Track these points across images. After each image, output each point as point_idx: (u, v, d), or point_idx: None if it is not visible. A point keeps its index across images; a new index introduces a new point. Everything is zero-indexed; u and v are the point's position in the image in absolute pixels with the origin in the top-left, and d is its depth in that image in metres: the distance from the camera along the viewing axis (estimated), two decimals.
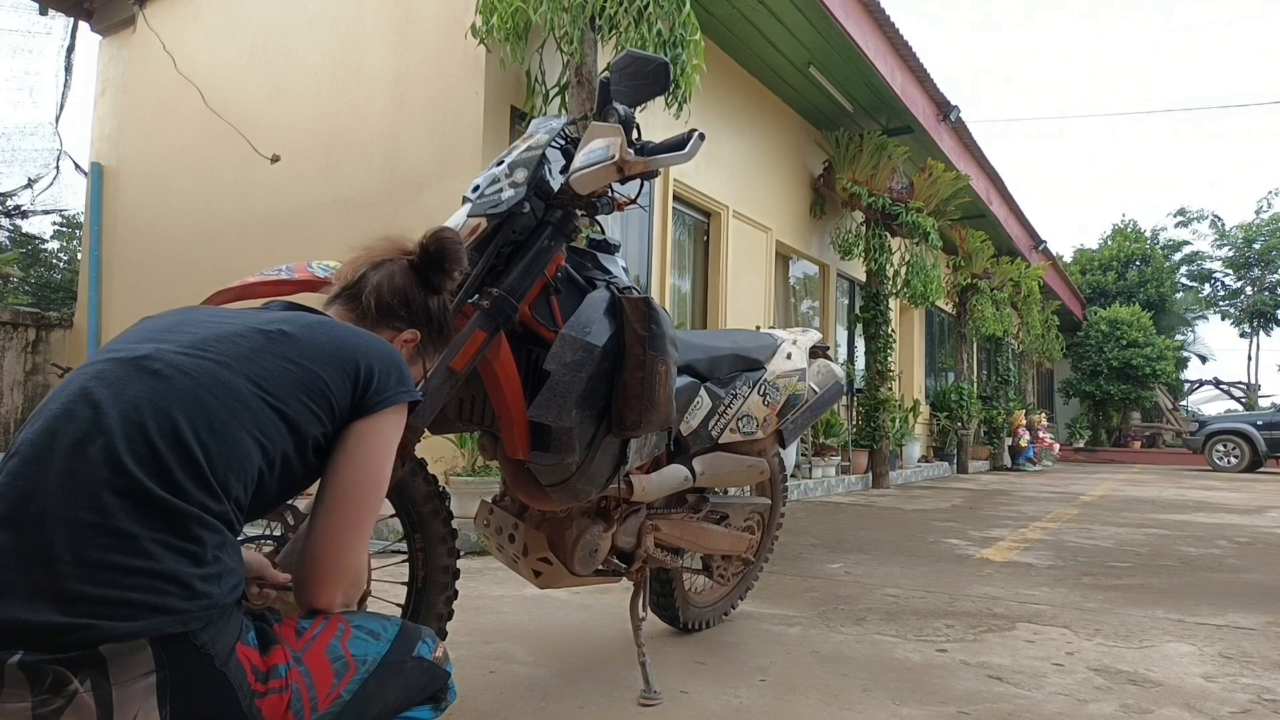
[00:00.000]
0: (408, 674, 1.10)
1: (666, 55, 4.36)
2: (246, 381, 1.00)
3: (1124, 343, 19.65)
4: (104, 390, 0.94)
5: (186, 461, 0.92)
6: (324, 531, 1.07)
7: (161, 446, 0.91)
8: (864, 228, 8.94)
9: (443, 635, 1.69)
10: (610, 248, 1.98)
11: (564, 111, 4.69)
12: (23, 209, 9.82)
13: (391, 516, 1.71)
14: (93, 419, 0.91)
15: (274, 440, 1.01)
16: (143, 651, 0.86)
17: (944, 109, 9.09)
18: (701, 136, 1.74)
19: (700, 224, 7.22)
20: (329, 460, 1.09)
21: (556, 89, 4.80)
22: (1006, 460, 13.55)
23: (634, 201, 1.88)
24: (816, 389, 2.52)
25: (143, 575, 0.87)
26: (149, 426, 0.92)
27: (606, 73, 1.83)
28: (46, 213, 10.57)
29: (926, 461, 11.24)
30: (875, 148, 8.49)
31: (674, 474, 2.08)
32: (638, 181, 1.79)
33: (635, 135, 1.79)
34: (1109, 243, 26.31)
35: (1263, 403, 23.07)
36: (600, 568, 2.02)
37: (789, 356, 2.43)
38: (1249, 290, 25.93)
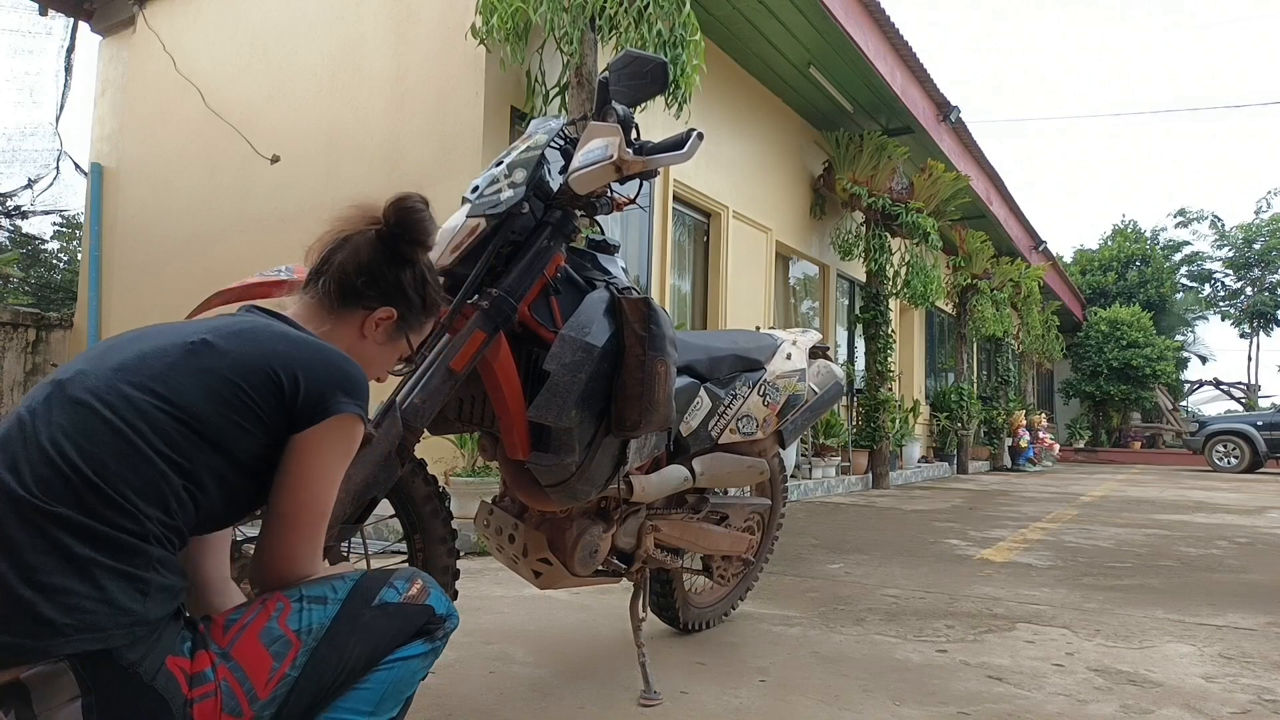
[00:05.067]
0: (369, 625, 1.07)
1: (666, 55, 4.36)
2: (153, 398, 0.99)
3: (1124, 343, 19.67)
4: (29, 416, 0.97)
5: (87, 484, 0.92)
6: (274, 548, 1.07)
7: (67, 471, 0.92)
8: (864, 228, 8.94)
9: None
10: (610, 248, 1.98)
11: (564, 112, 4.69)
12: (23, 209, 9.84)
13: (391, 517, 1.71)
14: (20, 446, 0.94)
15: (190, 457, 0.99)
16: (64, 677, 0.86)
17: (944, 109, 9.09)
18: (700, 136, 1.74)
19: (700, 224, 7.22)
20: (275, 474, 1.07)
21: (556, 89, 4.80)
22: (1006, 461, 13.55)
23: (633, 201, 1.88)
24: (816, 389, 2.52)
25: (60, 594, 0.86)
26: (52, 455, 0.93)
27: (605, 73, 1.83)
28: (46, 213, 10.60)
29: (926, 462, 11.23)
30: (875, 148, 8.49)
31: (674, 474, 2.08)
32: (637, 181, 1.79)
33: (634, 135, 1.79)
34: (1109, 243, 26.31)
35: (1263, 403, 23.06)
36: (600, 568, 2.02)
37: (789, 357, 2.43)
38: (1249, 290, 25.93)
